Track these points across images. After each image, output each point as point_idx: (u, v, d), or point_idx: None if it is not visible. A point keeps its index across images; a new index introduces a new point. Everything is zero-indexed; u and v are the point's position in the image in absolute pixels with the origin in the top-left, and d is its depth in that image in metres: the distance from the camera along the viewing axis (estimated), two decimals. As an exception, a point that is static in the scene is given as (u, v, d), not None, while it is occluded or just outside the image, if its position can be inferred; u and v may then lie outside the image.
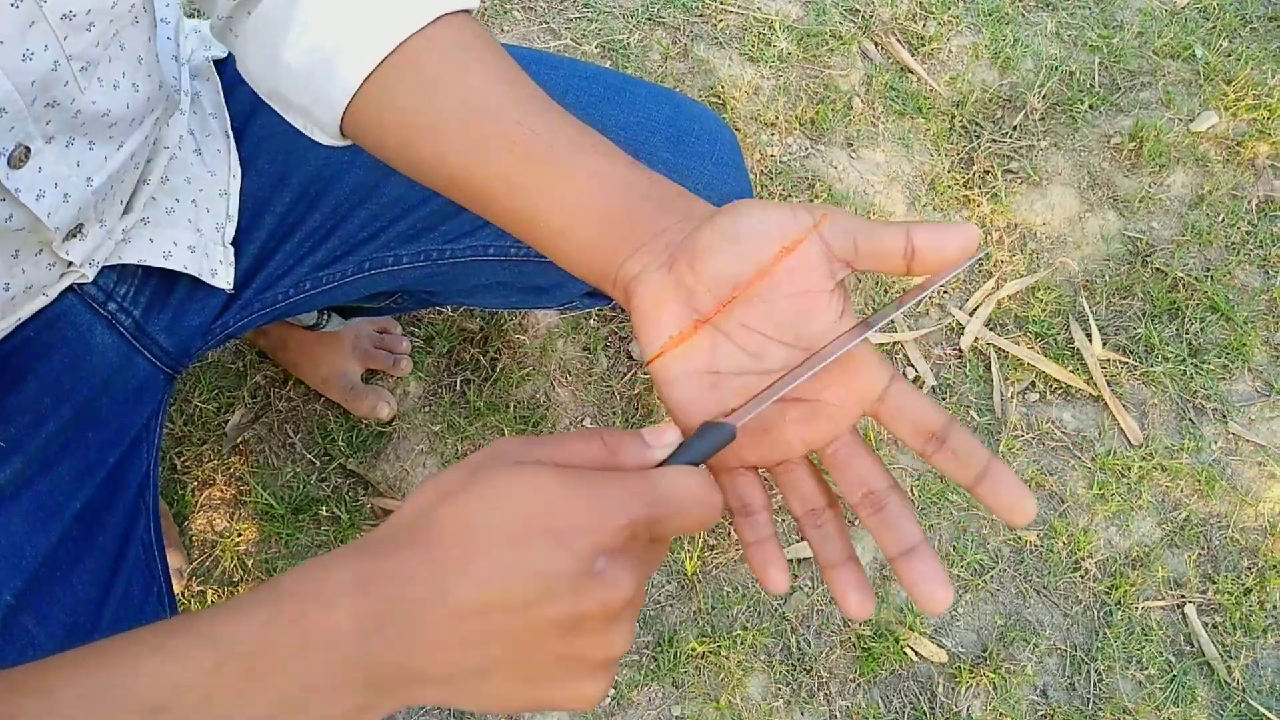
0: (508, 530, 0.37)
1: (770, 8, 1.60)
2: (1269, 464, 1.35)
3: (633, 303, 0.47)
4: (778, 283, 0.44)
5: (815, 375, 0.44)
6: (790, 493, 0.47)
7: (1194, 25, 1.68)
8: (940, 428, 0.44)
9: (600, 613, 0.37)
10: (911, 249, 0.43)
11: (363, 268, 0.78)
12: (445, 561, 0.37)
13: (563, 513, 0.37)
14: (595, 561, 0.37)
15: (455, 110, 0.52)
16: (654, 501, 0.39)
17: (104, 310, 0.70)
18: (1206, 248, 1.49)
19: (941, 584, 0.42)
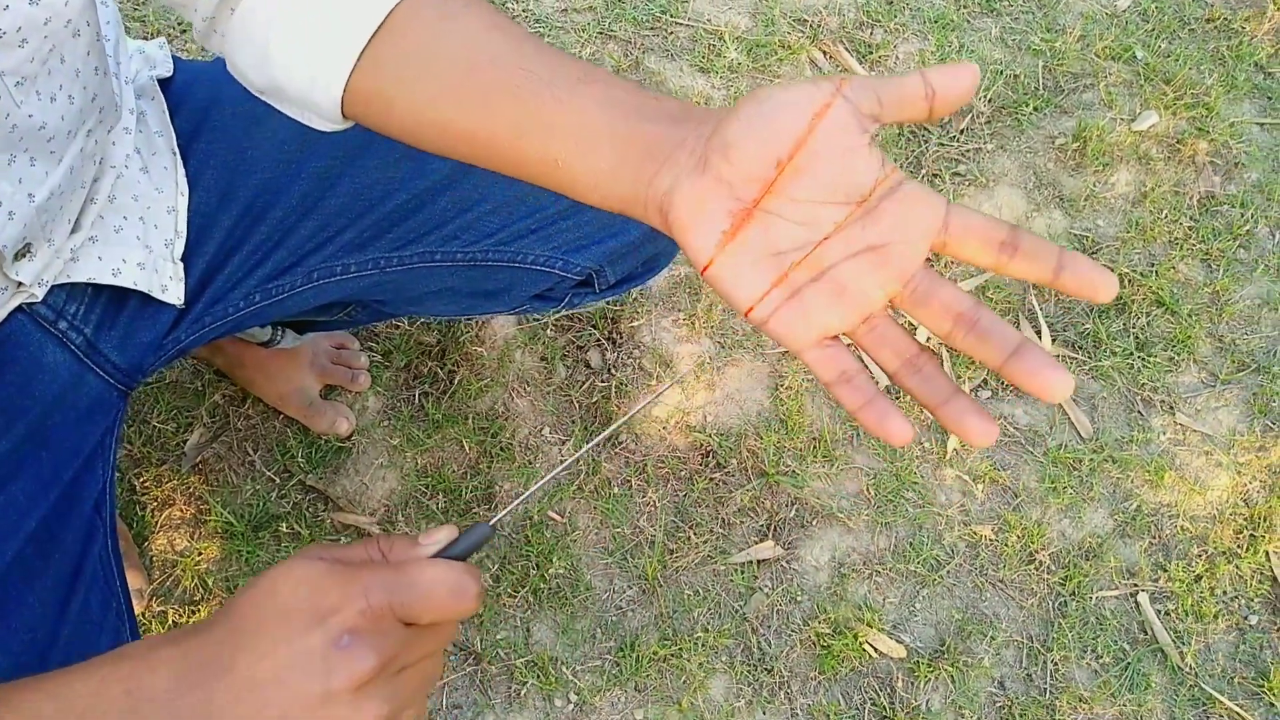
0: (278, 609, 0.45)
1: (720, 19, 1.62)
2: (1215, 453, 1.39)
3: (672, 216, 0.47)
4: (817, 149, 0.44)
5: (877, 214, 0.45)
6: (880, 349, 0.47)
7: (1134, 27, 1.72)
8: (1008, 236, 0.45)
9: (347, 684, 0.44)
10: (931, 90, 0.44)
11: (311, 278, 0.79)
12: (236, 636, 0.46)
13: (320, 596, 0.45)
14: (341, 639, 0.44)
15: (452, 68, 0.53)
16: (396, 588, 0.46)
17: (54, 329, 0.70)
18: (1150, 244, 1.53)
19: (1056, 369, 0.43)
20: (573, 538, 1.23)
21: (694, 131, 0.47)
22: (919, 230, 0.45)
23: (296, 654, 0.44)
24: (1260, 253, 1.54)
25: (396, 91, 0.54)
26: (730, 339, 1.37)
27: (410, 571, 0.47)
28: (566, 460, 0.49)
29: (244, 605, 0.46)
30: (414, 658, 0.48)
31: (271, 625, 0.45)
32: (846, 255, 0.46)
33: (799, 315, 0.46)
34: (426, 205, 0.79)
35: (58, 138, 0.60)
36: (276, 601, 0.46)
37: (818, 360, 0.47)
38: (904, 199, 0.45)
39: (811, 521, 1.28)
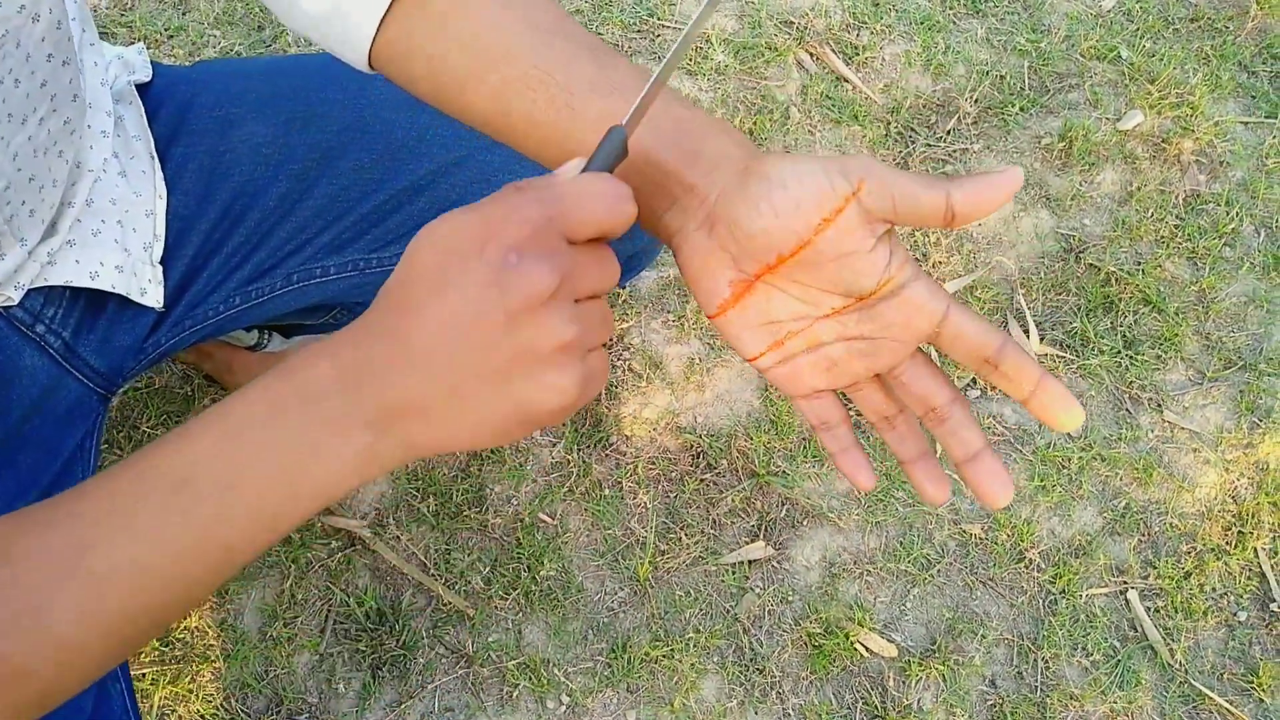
0: (434, 264, 0.40)
1: (707, 22, 1.63)
2: (1203, 450, 1.39)
3: (680, 259, 0.49)
4: (820, 250, 0.45)
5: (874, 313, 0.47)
6: (864, 404, 0.51)
7: (1119, 27, 1.73)
8: (995, 351, 0.46)
9: (525, 303, 0.39)
10: (951, 211, 0.43)
11: (291, 280, 0.79)
12: (397, 310, 0.41)
13: (472, 230, 0.40)
14: (507, 259, 0.39)
15: (469, 54, 0.53)
16: (548, 199, 0.41)
17: (32, 332, 0.71)
18: (1137, 242, 1.53)
19: (1002, 481, 0.47)
20: (564, 539, 1.23)
21: (705, 176, 0.48)
22: (911, 334, 0.47)
23: (465, 290, 0.39)
24: (1246, 250, 1.54)
25: (420, 66, 0.55)
26: (719, 340, 1.37)
27: (555, 183, 0.42)
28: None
29: (391, 284, 0.42)
30: (587, 286, 0.43)
31: (428, 279, 0.40)
32: (839, 338, 0.48)
33: (791, 376, 0.50)
34: (405, 206, 0.79)
35: (1, 122, 0.59)
36: (425, 258, 0.41)
37: (806, 408, 0.51)
38: (903, 304, 0.46)
39: (802, 521, 1.28)
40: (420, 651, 1.15)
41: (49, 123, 0.64)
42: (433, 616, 1.17)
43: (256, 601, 1.16)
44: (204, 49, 1.47)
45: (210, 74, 0.83)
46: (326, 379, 0.41)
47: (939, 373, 0.49)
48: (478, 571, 1.20)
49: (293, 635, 1.15)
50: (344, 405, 0.41)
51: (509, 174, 0.80)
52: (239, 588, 1.16)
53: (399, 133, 0.80)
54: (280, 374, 0.42)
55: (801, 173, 0.44)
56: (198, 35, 1.48)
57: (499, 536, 1.22)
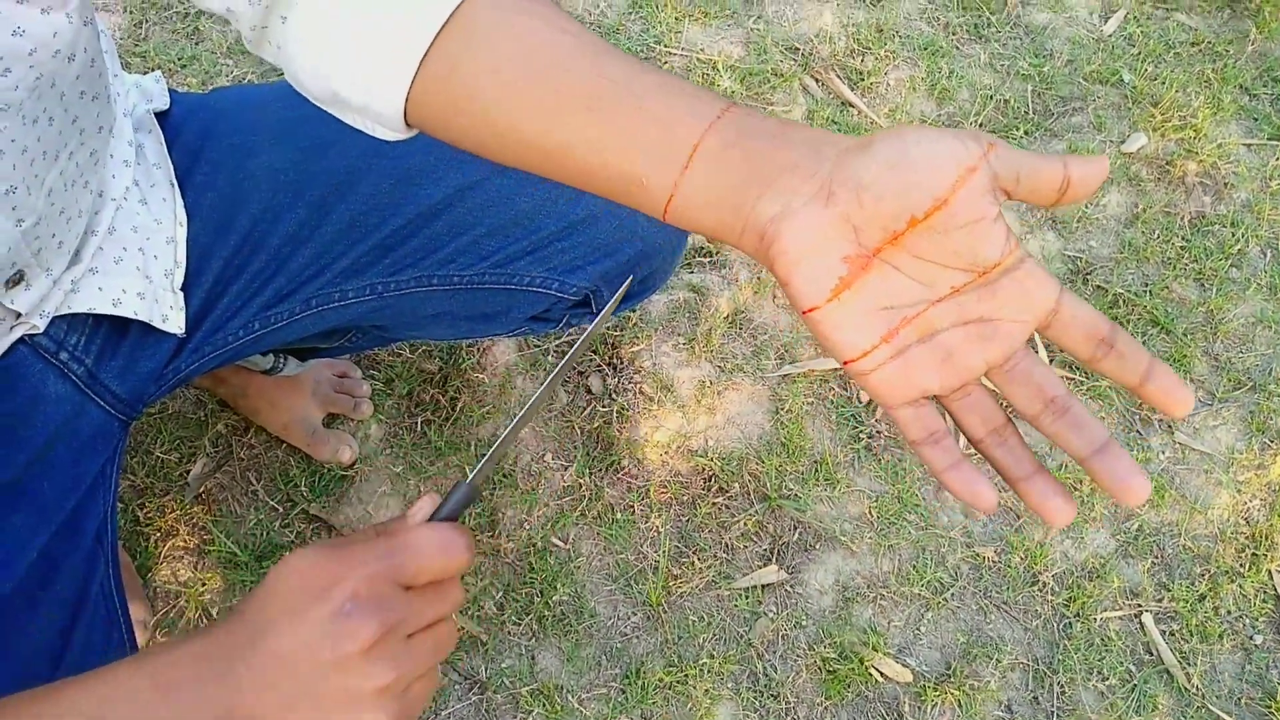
0: (288, 593, 0.49)
1: (713, 49, 1.64)
2: (1215, 471, 1.39)
3: (777, 247, 0.44)
4: (952, 214, 0.43)
5: (994, 289, 0.45)
6: (969, 416, 0.47)
7: (1120, 51, 1.75)
8: (1108, 333, 0.44)
9: (354, 650, 0.47)
10: (1068, 181, 0.43)
11: (310, 305, 0.80)
12: (250, 624, 0.49)
13: (324, 570, 0.49)
14: (343, 607, 0.47)
15: (523, 75, 0.50)
16: (388, 552, 0.49)
17: (56, 360, 0.71)
18: (1144, 264, 1.54)
19: (1138, 475, 0.43)
20: (576, 564, 1.23)
21: (809, 155, 0.44)
22: (1031, 312, 0.44)
23: (307, 627, 0.47)
24: (1252, 271, 1.55)
25: (462, 98, 0.51)
26: (730, 363, 1.38)
27: (399, 537, 0.50)
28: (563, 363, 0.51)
29: (252, 600, 0.50)
30: (420, 622, 0.50)
31: (281, 608, 0.48)
32: (956, 322, 0.45)
33: (901, 375, 0.45)
34: (422, 229, 0.80)
35: (37, 160, 0.59)
36: (282, 588, 0.49)
37: (909, 419, 0.47)
38: (1023, 278, 0.44)
39: (815, 545, 1.28)
40: (433, 678, 1.15)
41: (78, 156, 0.64)
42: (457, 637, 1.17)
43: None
44: (216, 78, 1.48)
45: (227, 101, 0.84)
46: (185, 676, 0.48)
47: (1050, 367, 0.46)
48: (490, 596, 1.20)
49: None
50: (201, 698, 0.48)
51: (522, 196, 0.81)
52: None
53: (415, 158, 0.80)
54: (148, 666, 0.49)
55: (934, 135, 0.43)
56: (210, 64, 1.49)
57: (511, 561, 1.22)
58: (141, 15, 1.51)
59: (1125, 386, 0.45)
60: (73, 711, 0.48)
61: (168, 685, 0.48)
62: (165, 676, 0.48)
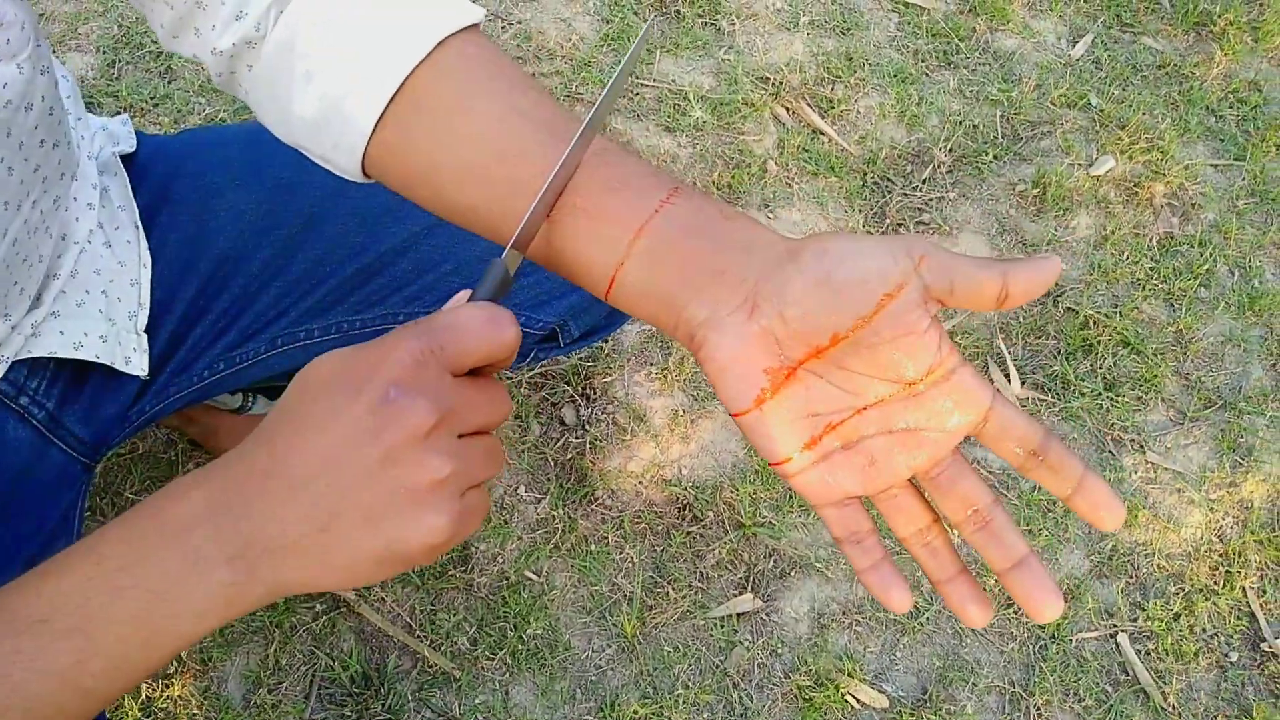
0: (315, 397, 0.41)
1: (684, 79, 1.66)
2: (1187, 490, 1.40)
3: (705, 351, 0.45)
4: (877, 330, 0.43)
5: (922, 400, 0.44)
6: (895, 516, 0.47)
7: (1088, 75, 1.77)
8: (1040, 444, 0.44)
9: (405, 438, 0.39)
10: (1005, 292, 0.43)
11: (275, 344, 0.80)
12: (273, 440, 0.41)
13: (353, 366, 0.41)
14: (387, 393, 0.39)
15: (476, 152, 0.50)
16: (428, 331, 0.41)
17: (15, 405, 0.71)
18: (1113, 285, 1.55)
19: (1051, 593, 0.44)
20: (550, 597, 1.23)
21: (739, 260, 0.45)
22: (958, 424, 0.45)
23: (341, 425, 0.40)
24: (1220, 291, 1.57)
25: (416, 166, 0.52)
26: (703, 391, 1.38)
27: (437, 317, 0.43)
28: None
29: (272, 415, 0.42)
30: (471, 420, 0.43)
31: (307, 412, 0.41)
32: (882, 430, 0.45)
33: (824, 478, 0.46)
34: (388, 268, 0.80)
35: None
36: (308, 391, 0.41)
37: (833, 518, 0.47)
38: (951, 390, 0.44)
39: (790, 572, 1.28)
40: (406, 715, 1.14)
41: (41, 203, 0.64)
42: (418, 679, 1.16)
43: (240, 668, 1.14)
44: (189, 116, 1.49)
45: (194, 143, 0.85)
46: (194, 512, 0.41)
47: (977, 475, 0.46)
48: (464, 632, 1.19)
49: (277, 702, 1.14)
50: (209, 540, 0.40)
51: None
52: (222, 654, 1.14)
53: (379, 197, 0.81)
54: (149, 509, 0.42)
55: (862, 248, 0.43)
56: (183, 103, 1.49)
57: (485, 595, 1.22)
58: (114, 55, 1.52)
59: (1058, 496, 0.45)
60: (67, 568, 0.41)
61: (175, 529, 0.41)
62: (171, 517, 0.41)
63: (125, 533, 0.41)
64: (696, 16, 1.73)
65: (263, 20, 0.54)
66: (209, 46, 0.55)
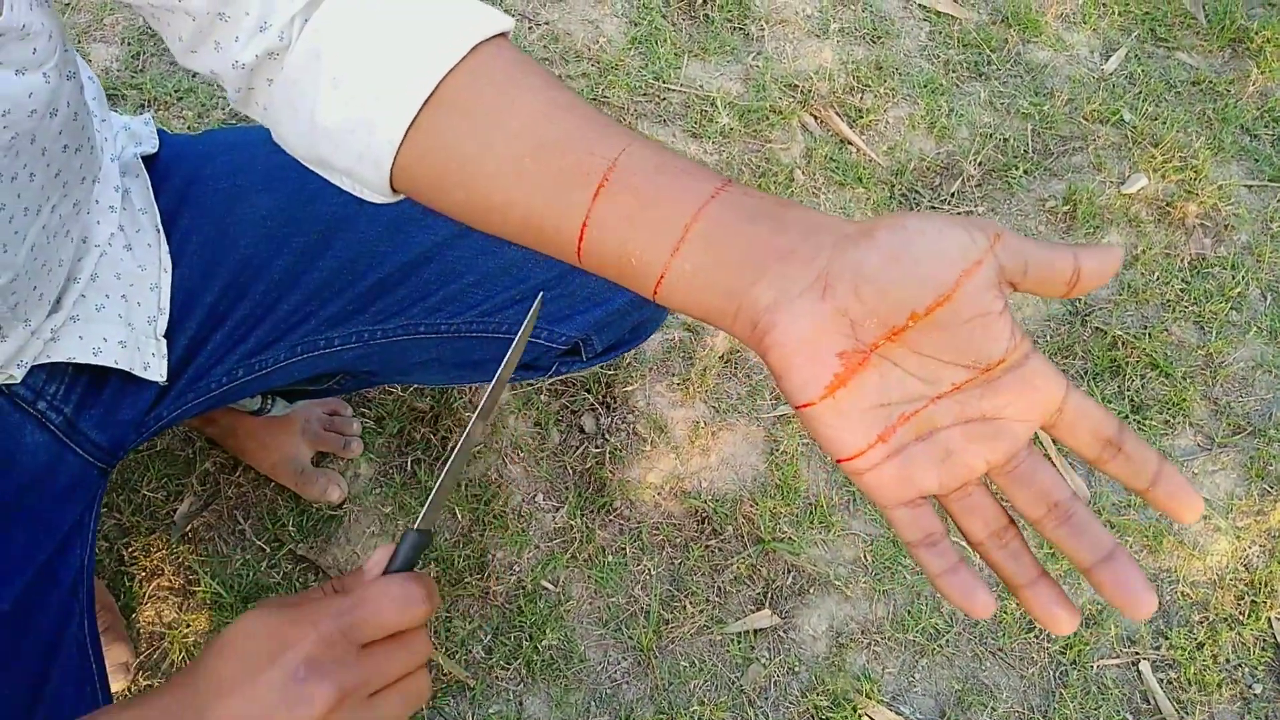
0: (239, 657, 0.47)
1: (712, 85, 1.64)
2: (1214, 517, 1.37)
3: (771, 337, 0.42)
4: (956, 308, 0.41)
5: (997, 386, 0.43)
6: (970, 517, 0.44)
7: (1121, 91, 1.74)
8: (1115, 434, 0.43)
9: (312, 716, 0.45)
10: (1078, 274, 0.42)
11: (295, 352, 0.79)
12: (197, 691, 0.47)
13: (273, 636, 0.47)
14: (297, 672, 0.46)
15: (515, 147, 0.48)
16: (342, 611, 0.48)
17: (34, 409, 0.70)
18: (1143, 306, 1.53)
19: (1145, 588, 0.41)
20: (566, 608, 1.21)
21: (806, 241, 0.42)
22: (1036, 411, 0.43)
23: (260, 693, 0.46)
24: (1252, 315, 1.54)
25: (451, 168, 0.50)
26: (724, 403, 1.36)
27: (354, 593, 0.49)
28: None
29: (202, 663, 0.48)
30: (383, 679, 0.49)
31: (231, 673, 0.47)
32: (957, 420, 0.43)
33: (898, 474, 0.43)
34: (410, 277, 0.79)
35: (16, 216, 0.58)
36: (233, 652, 0.47)
37: (904, 519, 0.44)
38: (1027, 375, 0.42)
39: (809, 589, 1.27)
40: (420, 723, 1.13)
41: (61, 208, 0.63)
42: (432, 687, 1.15)
43: (254, 670, 1.14)
44: (213, 110, 1.48)
45: (216, 144, 0.84)
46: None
47: (1056, 470, 0.44)
48: (479, 640, 1.18)
49: (290, 706, 1.13)
50: None
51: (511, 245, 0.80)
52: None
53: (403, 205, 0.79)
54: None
55: (938, 225, 0.41)
56: (207, 97, 1.49)
57: (501, 604, 1.20)
58: (139, 47, 1.51)
59: (1132, 489, 0.42)
60: None
61: None
62: None
63: None
64: (725, 21, 1.71)
65: (286, 30, 0.52)
66: (230, 60, 0.53)
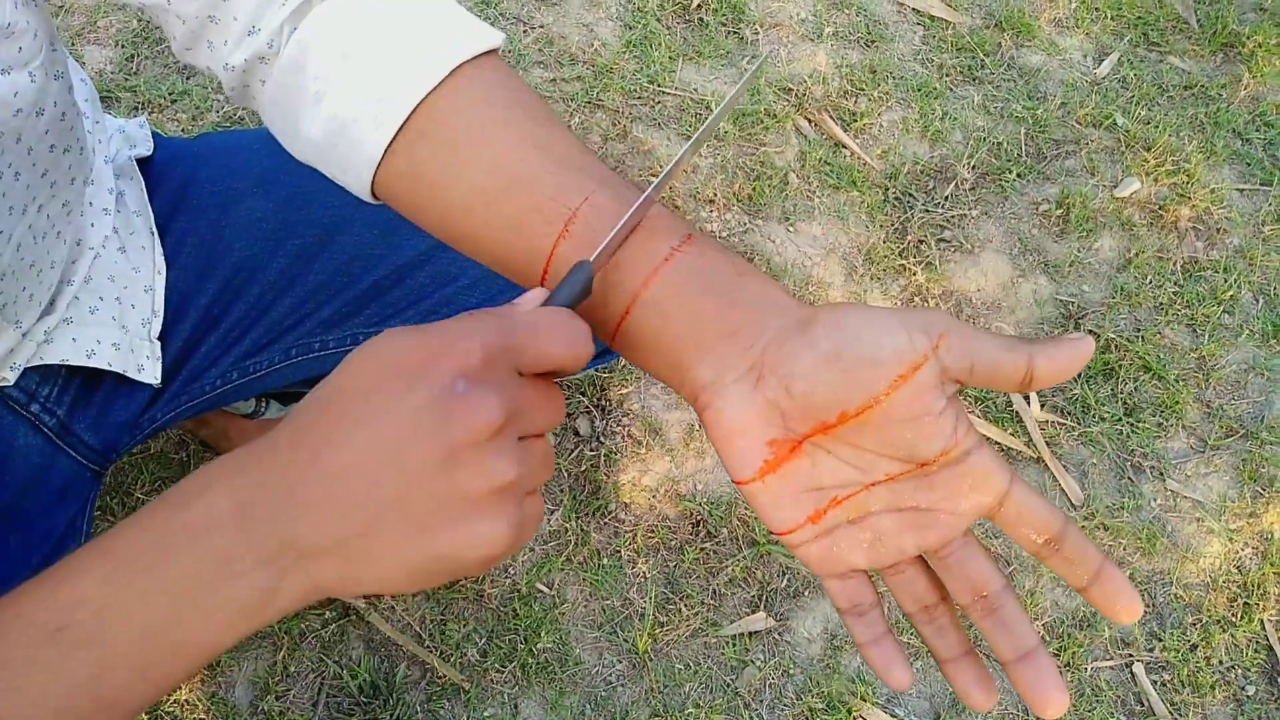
0: (370, 382, 0.36)
1: (706, 89, 1.64)
2: (1207, 519, 1.38)
3: (708, 415, 0.43)
4: (888, 411, 0.41)
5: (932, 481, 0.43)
6: (902, 591, 0.45)
7: (1114, 95, 1.75)
8: (1057, 531, 0.42)
9: (469, 437, 0.36)
10: (1030, 375, 0.41)
11: (289, 355, 0.79)
12: (312, 430, 0.37)
13: (420, 348, 0.36)
14: (455, 385, 0.36)
15: (485, 183, 0.48)
16: (506, 328, 0.38)
17: (26, 412, 0.70)
18: (1136, 309, 1.53)
19: (1058, 689, 0.42)
20: (561, 610, 1.21)
21: (751, 321, 0.43)
22: (971, 507, 0.43)
23: (399, 416, 0.35)
24: (1245, 318, 1.55)
25: (424, 193, 0.50)
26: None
27: (514, 314, 0.39)
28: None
29: (311, 401, 0.38)
30: (534, 421, 0.39)
31: (358, 397, 0.36)
32: (890, 508, 0.43)
33: (828, 551, 0.44)
34: (405, 280, 0.79)
35: (2, 216, 0.58)
36: (360, 374, 0.37)
37: (835, 589, 0.45)
38: (965, 474, 0.42)
39: (804, 592, 1.27)
40: (414, 726, 1.13)
41: (48, 208, 0.63)
42: (427, 690, 1.15)
43: (248, 674, 1.13)
44: (207, 113, 1.48)
45: (211, 147, 0.83)
46: (221, 509, 0.37)
47: (989, 558, 0.44)
48: (473, 643, 1.18)
49: (285, 709, 1.12)
50: (238, 541, 0.36)
51: None
52: (230, 660, 1.13)
53: (400, 208, 0.80)
54: (172, 503, 0.38)
55: (878, 325, 0.41)
56: (201, 100, 1.49)
57: (495, 607, 1.20)
58: (133, 49, 1.51)
59: (1073, 587, 0.43)
60: (83, 569, 0.37)
61: (199, 528, 0.37)
62: (194, 515, 0.37)
63: (144, 533, 0.37)
64: (720, 25, 1.72)
65: (276, 37, 0.52)
66: (221, 61, 0.54)
